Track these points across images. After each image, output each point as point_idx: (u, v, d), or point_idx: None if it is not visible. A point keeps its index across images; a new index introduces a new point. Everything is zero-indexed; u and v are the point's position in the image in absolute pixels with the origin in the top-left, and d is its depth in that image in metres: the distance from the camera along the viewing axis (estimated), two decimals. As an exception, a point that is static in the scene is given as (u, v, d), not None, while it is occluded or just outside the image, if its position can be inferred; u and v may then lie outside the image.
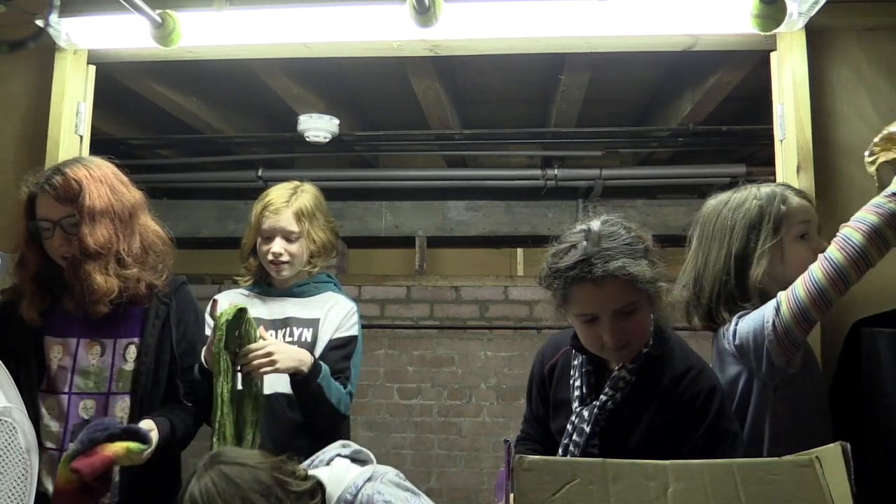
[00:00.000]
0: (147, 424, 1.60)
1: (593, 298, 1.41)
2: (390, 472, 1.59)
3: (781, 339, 1.43)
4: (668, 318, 1.57)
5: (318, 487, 1.57)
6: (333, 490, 1.55)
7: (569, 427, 1.50)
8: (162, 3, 1.92)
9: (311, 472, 1.55)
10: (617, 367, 1.49)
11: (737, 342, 1.53)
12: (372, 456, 1.65)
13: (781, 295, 1.45)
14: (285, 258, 2.01)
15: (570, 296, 1.43)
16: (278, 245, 2.00)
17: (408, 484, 1.59)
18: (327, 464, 1.63)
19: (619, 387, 1.47)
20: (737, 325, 1.54)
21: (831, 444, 1.12)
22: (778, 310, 1.43)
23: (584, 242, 1.41)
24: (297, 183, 2.10)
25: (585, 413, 1.48)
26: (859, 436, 1.40)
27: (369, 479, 1.55)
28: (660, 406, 1.45)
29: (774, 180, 1.98)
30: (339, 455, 1.65)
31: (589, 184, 4.46)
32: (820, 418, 1.56)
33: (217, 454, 1.49)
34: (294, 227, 2.00)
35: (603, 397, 1.48)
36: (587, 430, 1.46)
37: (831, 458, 1.11)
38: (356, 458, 1.65)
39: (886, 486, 1.46)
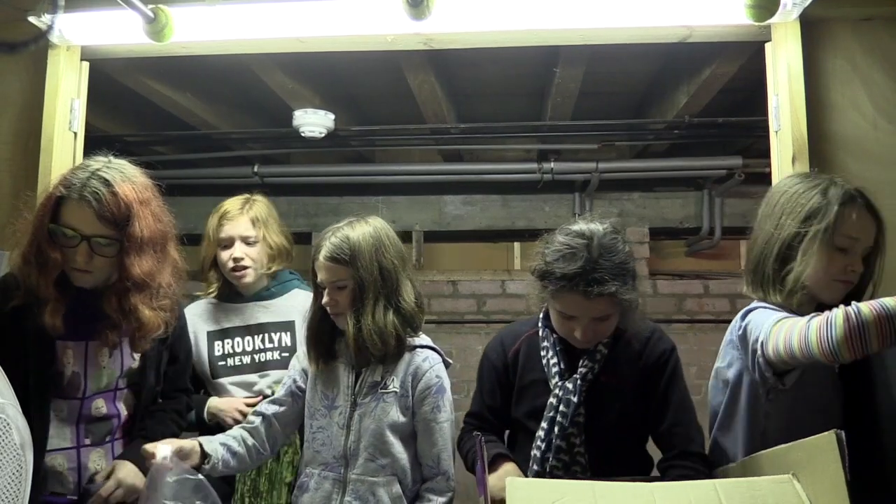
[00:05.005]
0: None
1: (579, 307, 1.54)
2: None
3: (772, 363, 1.38)
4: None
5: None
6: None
7: (552, 401, 1.61)
8: (154, -1, 1.92)
9: None
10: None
11: (740, 332, 1.47)
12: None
13: (813, 323, 1.25)
14: (246, 262, 2.07)
15: (559, 296, 1.55)
16: (239, 250, 2.06)
17: None
18: None
19: (597, 359, 1.62)
20: (747, 314, 1.48)
21: (825, 433, 1.13)
22: (786, 340, 1.31)
23: (585, 254, 1.50)
24: (248, 195, 2.19)
25: (570, 385, 1.60)
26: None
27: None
28: (632, 370, 1.62)
29: (771, 172, 1.98)
30: None
31: (585, 177, 4.45)
32: (823, 417, 1.44)
33: None
34: (251, 232, 2.07)
35: (583, 370, 1.61)
36: (574, 400, 1.58)
37: (825, 447, 1.11)
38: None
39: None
